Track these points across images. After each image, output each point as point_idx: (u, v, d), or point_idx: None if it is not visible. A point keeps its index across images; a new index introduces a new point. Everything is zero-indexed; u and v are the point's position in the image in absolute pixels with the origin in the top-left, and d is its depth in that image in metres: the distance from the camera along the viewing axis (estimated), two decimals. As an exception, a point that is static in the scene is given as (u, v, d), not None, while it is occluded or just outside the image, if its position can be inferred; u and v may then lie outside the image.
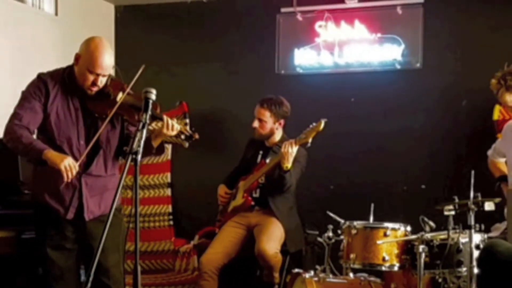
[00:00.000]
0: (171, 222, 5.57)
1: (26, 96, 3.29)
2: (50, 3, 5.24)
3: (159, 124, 3.35)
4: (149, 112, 2.84)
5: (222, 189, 4.68)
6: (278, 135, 4.56)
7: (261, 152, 4.59)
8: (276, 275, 4.32)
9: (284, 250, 4.37)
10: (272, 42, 5.54)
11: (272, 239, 4.27)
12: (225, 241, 4.43)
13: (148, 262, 5.34)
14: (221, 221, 4.63)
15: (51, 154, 3.12)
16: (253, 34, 5.63)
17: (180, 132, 3.35)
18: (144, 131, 2.77)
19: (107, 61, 3.22)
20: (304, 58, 5.41)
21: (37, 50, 5.04)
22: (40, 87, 3.28)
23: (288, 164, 4.18)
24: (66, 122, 3.28)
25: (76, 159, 3.25)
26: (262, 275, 4.40)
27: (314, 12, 5.39)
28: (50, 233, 3.31)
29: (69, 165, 3.08)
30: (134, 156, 2.69)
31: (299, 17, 5.43)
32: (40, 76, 3.34)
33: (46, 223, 3.33)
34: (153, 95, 2.88)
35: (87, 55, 3.22)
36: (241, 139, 4.97)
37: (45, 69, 5.06)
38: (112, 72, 3.35)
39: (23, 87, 4.82)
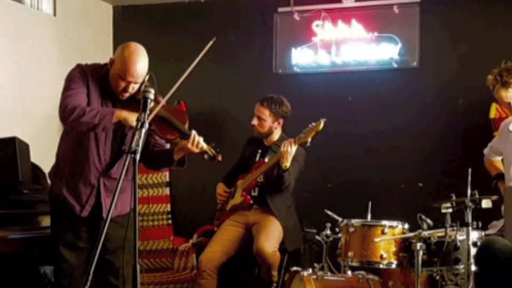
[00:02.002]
0: (170, 221, 5.58)
1: (73, 80, 3.25)
2: (49, 3, 5.25)
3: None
4: (147, 112, 2.85)
5: (220, 188, 4.69)
6: (276, 134, 4.58)
7: (259, 151, 4.61)
8: (275, 273, 4.34)
9: (282, 249, 4.39)
10: (270, 41, 5.56)
11: (271, 238, 4.29)
12: (224, 240, 4.44)
13: (147, 260, 5.35)
14: (219, 220, 4.64)
15: (122, 112, 3.13)
16: (250, 33, 5.65)
17: (204, 152, 3.34)
18: (143, 131, 2.78)
19: (140, 69, 3.18)
20: (302, 58, 5.43)
21: (35, 51, 5.05)
22: (82, 75, 3.26)
23: (287, 163, 4.19)
24: None
25: (100, 159, 3.28)
26: (261, 273, 4.41)
27: (311, 12, 5.41)
28: (64, 231, 3.34)
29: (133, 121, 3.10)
30: (133, 155, 2.70)
31: (296, 16, 5.45)
32: (80, 66, 3.32)
33: (61, 220, 3.36)
34: (151, 95, 2.89)
35: (120, 61, 3.19)
36: (239, 138, 4.98)
37: (44, 69, 5.14)
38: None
39: (23, 86, 4.88)
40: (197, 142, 3.27)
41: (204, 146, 3.31)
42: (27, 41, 4.96)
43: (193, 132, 3.28)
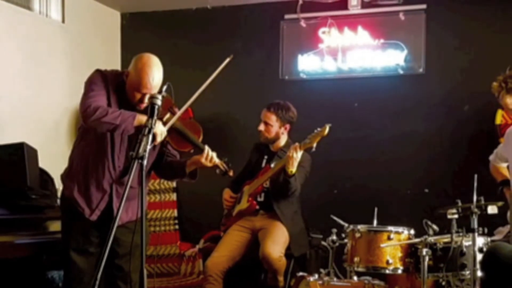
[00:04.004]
0: (177, 227, 5.60)
1: (95, 83, 3.27)
2: (57, 10, 5.29)
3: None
4: (155, 117, 2.89)
5: (227, 193, 4.71)
6: (283, 140, 4.60)
7: (266, 156, 4.62)
8: (281, 278, 4.35)
9: (288, 254, 4.40)
10: (276, 48, 5.59)
11: (277, 243, 4.30)
12: (230, 245, 4.46)
13: (154, 266, 5.37)
14: (226, 225, 4.66)
15: (144, 118, 3.06)
16: (257, 40, 5.67)
17: (216, 166, 3.40)
18: (150, 136, 2.81)
19: (153, 80, 3.18)
20: (308, 64, 5.46)
21: (44, 57, 5.08)
22: (103, 80, 3.28)
23: (293, 168, 4.21)
24: None
25: (114, 165, 3.31)
26: (267, 278, 4.42)
27: (317, 19, 5.44)
28: (74, 236, 3.36)
29: (161, 132, 3.13)
30: (140, 161, 2.72)
31: (303, 23, 5.48)
32: (100, 71, 3.34)
33: (72, 224, 3.38)
34: (158, 101, 2.92)
35: (134, 73, 3.21)
36: (245, 144, 5.00)
37: (52, 75, 5.18)
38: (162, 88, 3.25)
39: (31, 92, 4.91)
40: (211, 157, 3.32)
41: (217, 161, 3.37)
42: (35, 47, 4.99)
43: (207, 147, 3.33)
